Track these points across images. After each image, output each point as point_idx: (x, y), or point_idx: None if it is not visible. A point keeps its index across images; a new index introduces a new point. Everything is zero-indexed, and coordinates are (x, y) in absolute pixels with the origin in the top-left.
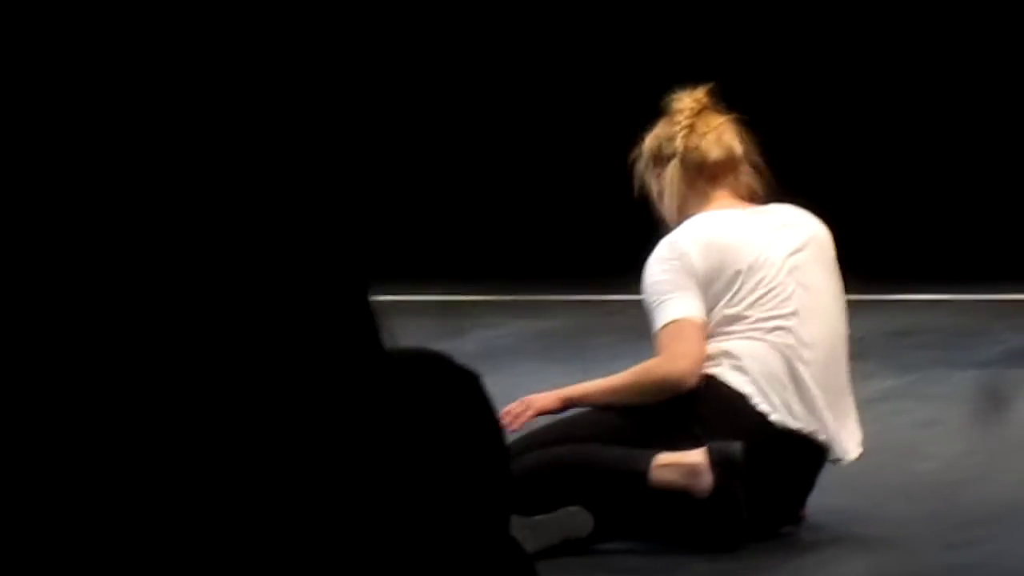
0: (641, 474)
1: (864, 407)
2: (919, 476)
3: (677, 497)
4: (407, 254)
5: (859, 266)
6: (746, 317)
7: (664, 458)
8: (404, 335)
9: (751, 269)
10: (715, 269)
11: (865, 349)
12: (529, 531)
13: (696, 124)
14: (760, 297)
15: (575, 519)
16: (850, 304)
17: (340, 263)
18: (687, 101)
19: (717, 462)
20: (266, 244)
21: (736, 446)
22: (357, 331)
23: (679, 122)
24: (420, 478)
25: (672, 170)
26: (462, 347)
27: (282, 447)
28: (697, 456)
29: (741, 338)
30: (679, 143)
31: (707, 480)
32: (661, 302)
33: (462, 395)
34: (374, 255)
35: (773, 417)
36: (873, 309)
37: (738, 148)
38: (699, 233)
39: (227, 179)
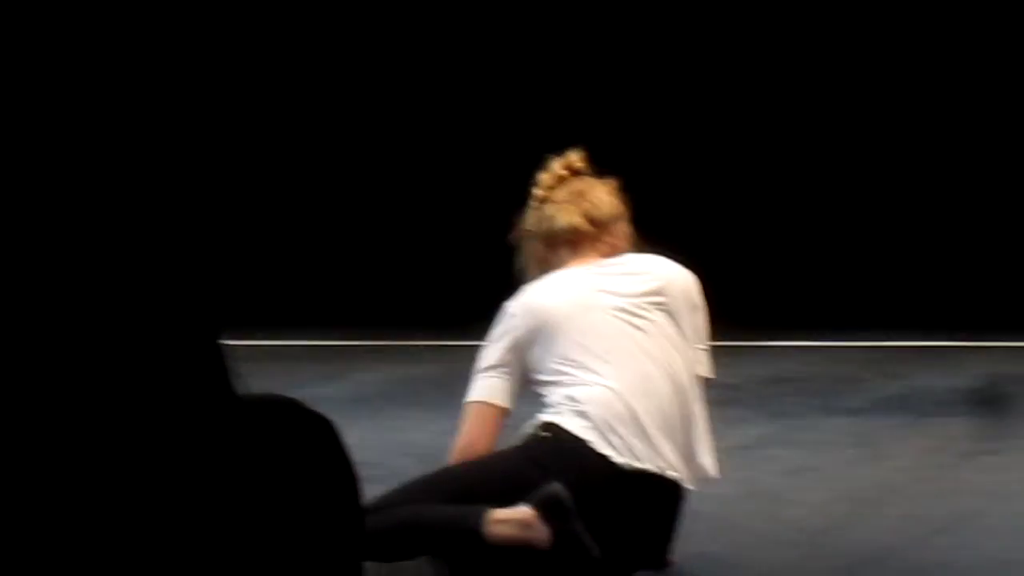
0: (475, 531)
1: (735, 453)
2: (787, 523)
3: (522, 550)
4: (279, 300)
5: (732, 313)
6: (578, 362)
7: (499, 514)
8: (275, 379)
9: (575, 318)
10: (538, 324)
11: (738, 395)
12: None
13: (552, 195)
14: (590, 343)
15: (435, 567)
16: (724, 350)
17: (190, 310)
18: (546, 174)
19: (541, 509)
20: (116, 291)
21: (554, 487)
22: (207, 378)
23: (535, 195)
24: (271, 522)
25: (528, 243)
26: (334, 392)
27: (130, 490)
28: (527, 509)
29: (577, 383)
30: (531, 216)
31: (543, 530)
32: (478, 372)
33: (314, 440)
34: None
35: (616, 459)
36: (747, 355)
37: (599, 212)
38: (527, 294)
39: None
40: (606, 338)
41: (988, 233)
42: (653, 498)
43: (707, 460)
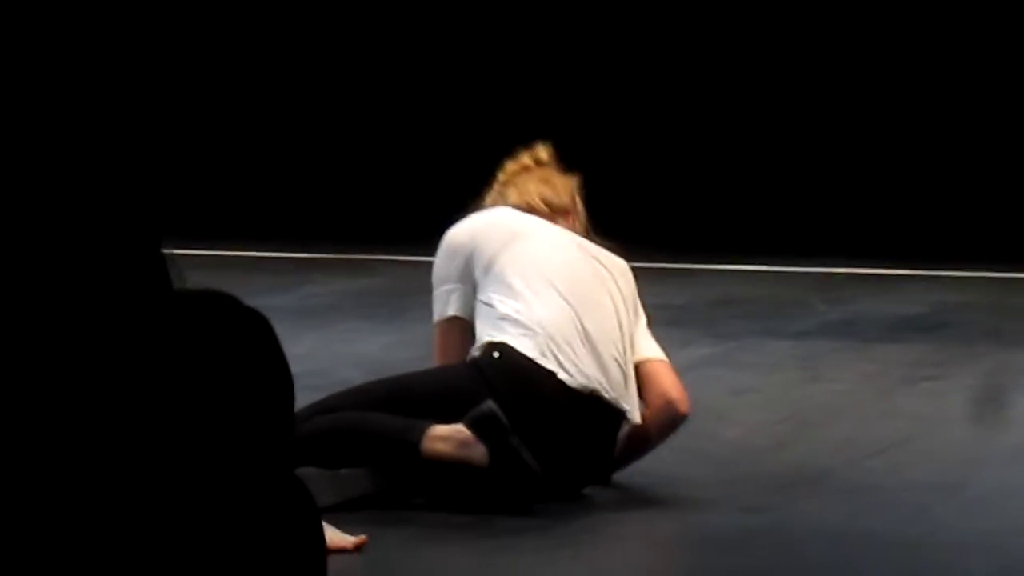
0: (414, 444)
1: (679, 373)
2: (727, 442)
3: (461, 467)
4: (234, 211)
5: (682, 236)
6: (532, 281)
7: (438, 430)
8: (226, 288)
9: (529, 237)
10: (488, 241)
11: (684, 317)
12: (329, 482)
13: (514, 179)
14: (545, 263)
15: (374, 476)
16: (673, 272)
17: (125, 208)
18: (512, 162)
19: (476, 428)
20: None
21: (488, 404)
22: (141, 271)
23: (498, 179)
24: (205, 412)
25: None
26: (285, 303)
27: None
28: (464, 427)
29: (531, 302)
30: (490, 196)
31: (480, 449)
32: (435, 290)
33: (248, 333)
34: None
35: (561, 376)
36: (695, 278)
37: (557, 199)
38: (478, 214)
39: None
40: (562, 262)
41: (934, 165)
42: (599, 419)
43: (635, 412)
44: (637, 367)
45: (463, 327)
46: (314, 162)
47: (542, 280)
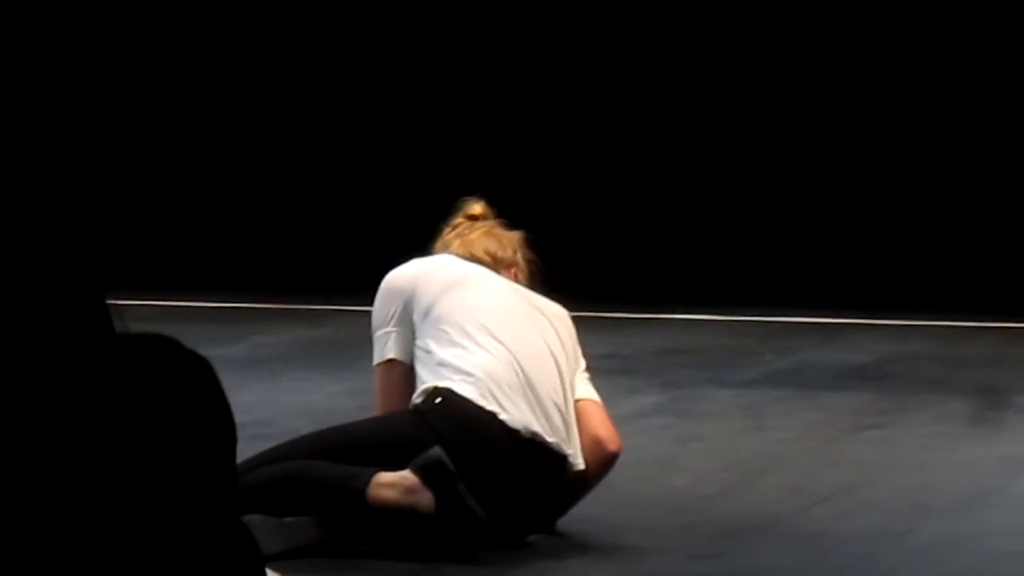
0: (360, 492)
1: (626, 422)
2: (674, 489)
3: (407, 514)
4: (182, 262)
5: (629, 285)
6: (471, 329)
7: (383, 478)
8: (179, 338)
9: (468, 285)
10: (427, 288)
11: (631, 365)
12: (277, 531)
13: (452, 240)
14: (484, 312)
15: (321, 525)
16: (620, 322)
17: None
18: (453, 220)
19: (422, 474)
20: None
21: (434, 451)
22: (83, 316)
23: (445, 232)
24: (146, 452)
25: None
26: (233, 353)
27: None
28: (411, 475)
29: (471, 350)
30: (437, 245)
31: (427, 496)
32: (376, 334)
33: (191, 376)
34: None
35: (502, 416)
36: (642, 327)
37: (503, 252)
38: (419, 261)
39: None
40: (502, 310)
41: (877, 216)
42: (543, 465)
43: (578, 457)
44: None
45: (403, 370)
46: (261, 214)
47: (481, 327)
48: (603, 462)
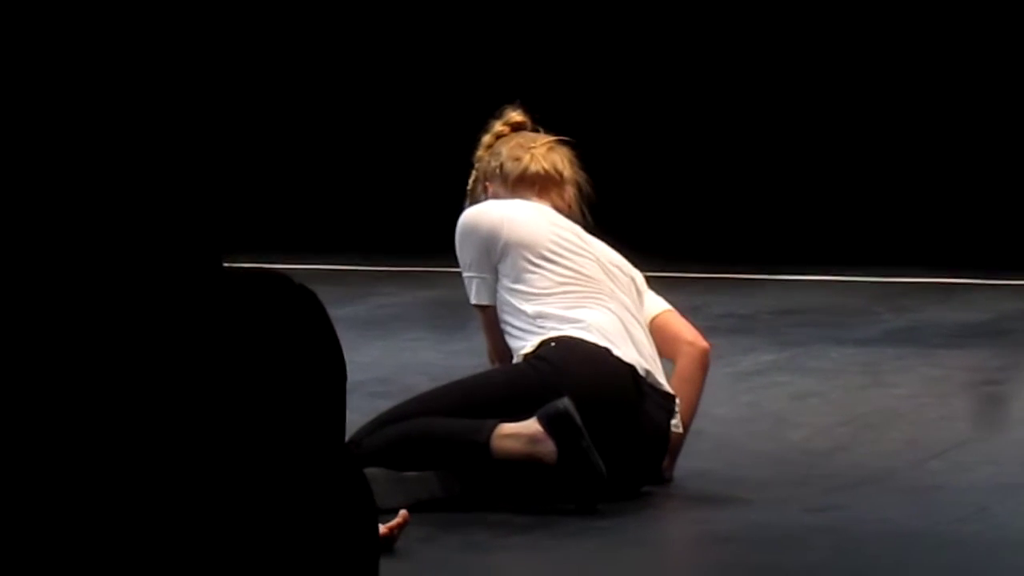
0: (483, 445)
1: (743, 379)
2: (789, 444)
3: (528, 464)
4: (306, 226)
5: (748, 247)
6: (571, 289)
7: (506, 428)
8: None
9: (561, 247)
10: (519, 241)
11: (749, 325)
12: (398, 485)
13: (521, 139)
14: (579, 275)
15: (444, 480)
16: (739, 283)
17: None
18: (513, 116)
19: (549, 424)
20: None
21: (563, 402)
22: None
23: (501, 132)
24: (256, 390)
25: (498, 181)
26: (352, 314)
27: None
28: (535, 424)
29: (575, 306)
30: (505, 154)
31: (549, 446)
32: (471, 279)
33: (300, 310)
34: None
35: (617, 352)
36: (761, 288)
37: (564, 168)
38: (512, 207)
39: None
40: (592, 277)
41: (994, 174)
42: (658, 405)
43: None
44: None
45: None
46: (383, 180)
47: (581, 292)
48: (700, 361)
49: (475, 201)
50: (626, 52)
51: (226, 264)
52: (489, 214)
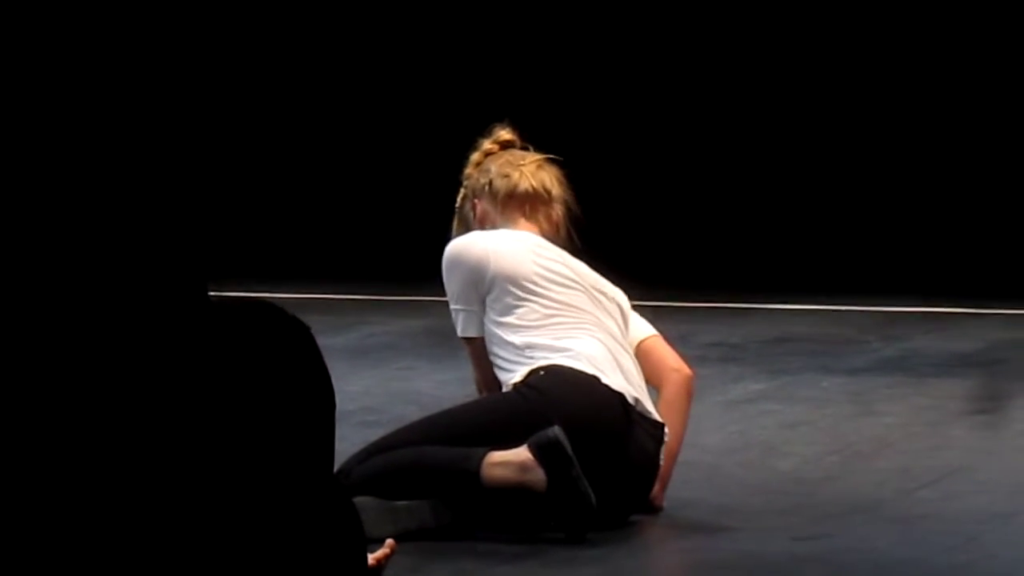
0: (473, 473)
1: (732, 408)
2: (779, 473)
3: (518, 492)
4: (295, 255)
5: (738, 275)
6: (558, 320)
7: (496, 456)
8: None
9: (547, 278)
10: (506, 275)
11: (740, 353)
12: (388, 514)
13: (510, 157)
14: (565, 306)
15: (435, 509)
16: (729, 311)
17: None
18: (502, 134)
19: (539, 452)
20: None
21: (553, 430)
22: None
23: (490, 151)
24: (246, 419)
25: (487, 198)
26: (342, 343)
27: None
28: (525, 452)
29: (563, 336)
30: (494, 171)
31: (539, 474)
32: (457, 312)
33: (290, 340)
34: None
35: (606, 380)
36: (751, 316)
37: (553, 187)
38: (495, 238)
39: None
40: (579, 308)
41: (987, 204)
42: (647, 433)
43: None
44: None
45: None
46: (372, 208)
47: (568, 323)
48: (686, 388)
49: (463, 219)
50: (617, 73)
51: (217, 293)
52: (475, 247)
